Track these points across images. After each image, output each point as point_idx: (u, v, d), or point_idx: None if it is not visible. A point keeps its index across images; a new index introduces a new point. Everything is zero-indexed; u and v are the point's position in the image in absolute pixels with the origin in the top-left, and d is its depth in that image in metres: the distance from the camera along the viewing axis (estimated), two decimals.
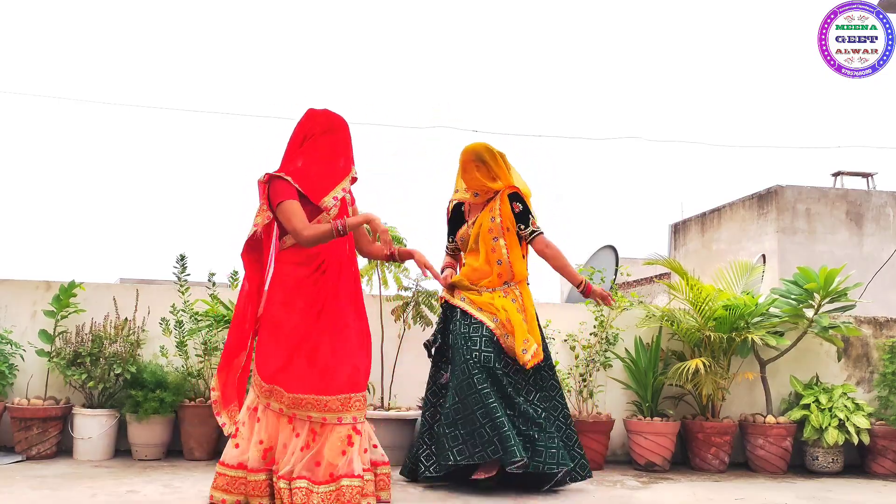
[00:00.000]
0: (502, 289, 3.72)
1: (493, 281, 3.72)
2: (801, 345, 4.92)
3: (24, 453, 4.17)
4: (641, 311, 4.96)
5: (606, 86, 63.55)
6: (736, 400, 4.98)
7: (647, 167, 55.10)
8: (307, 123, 3.22)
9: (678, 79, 57.74)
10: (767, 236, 13.34)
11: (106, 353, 4.25)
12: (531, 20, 50.51)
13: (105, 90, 47.93)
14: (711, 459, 4.59)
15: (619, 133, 43.01)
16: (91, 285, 4.64)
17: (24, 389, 4.44)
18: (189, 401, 4.35)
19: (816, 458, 4.71)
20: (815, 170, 58.13)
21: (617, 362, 4.81)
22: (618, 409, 4.84)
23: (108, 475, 3.76)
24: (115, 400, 4.34)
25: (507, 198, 3.77)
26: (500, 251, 3.72)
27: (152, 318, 4.58)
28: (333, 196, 3.15)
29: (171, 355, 4.46)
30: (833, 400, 4.71)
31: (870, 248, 13.10)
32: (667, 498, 3.75)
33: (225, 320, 4.49)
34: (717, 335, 4.61)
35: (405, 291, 4.60)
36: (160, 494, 3.34)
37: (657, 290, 12.58)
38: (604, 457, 4.59)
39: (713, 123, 55.94)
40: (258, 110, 41.74)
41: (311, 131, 3.20)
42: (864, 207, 13.57)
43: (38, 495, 3.26)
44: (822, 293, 4.79)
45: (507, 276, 3.73)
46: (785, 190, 13.34)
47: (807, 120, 50.06)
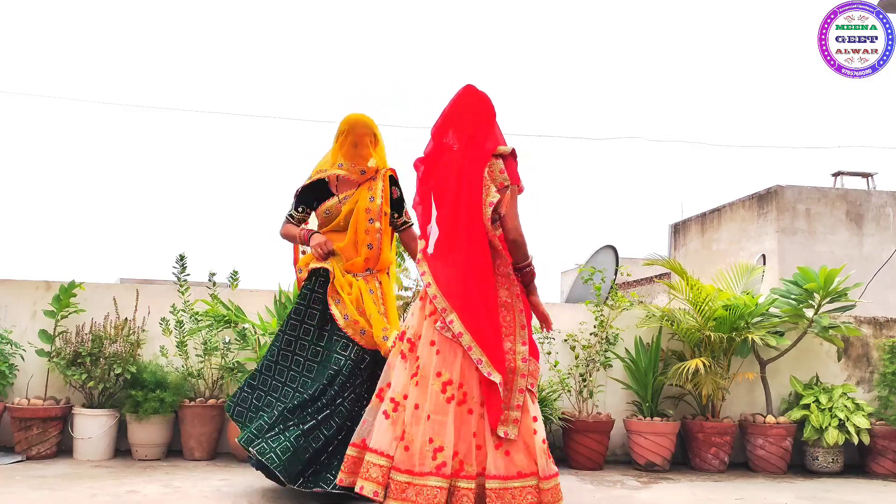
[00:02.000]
0: (363, 275, 3.41)
1: (356, 265, 3.40)
2: (801, 345, 4.92)
3: (24, 453, 4.17)
4: (641, 311, 4.96)
5: (606, 86, 63.56)
6: (736, 400, 4.98)
7: (647, 167, 55.13)
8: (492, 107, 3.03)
9: (678, 79, 57.74)
10: (767, 236, 13.34)
11: (106, 353, 4.25)
12: (531, 20, 50.49)
13: (105, 90, 47.89)
14: (711, 459, 4.59)
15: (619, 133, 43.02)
16: (91, 285, 4.64)
17: (24, 389, 4.44)
18: (189, 401, 4.35)
19: (816, 458, 4.71)
20: (815, 170, 58.16)
21: (617, 362, 4.81)
22: (618, 409, 4.84)
23: (108, 475, 3.76)
24: (115, 400, 4.34)
25: (388, 179, 3.48)
26: (374, 235, 3.40)
27: (152, 318, 4.58)
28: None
29: (171, 355, 4.46)
30: (833, 400, 4.71)
31: (870, 248, 13.10)
32: (667, 498, 3.75)
33: (225, 320, 4.49)
34: (717, 335, 4.61)
35: (405, 291, 4.60)
36: (160, 494, 3.34)
37: (657, 290, 12.58)
38: (604, 457, 4.59)
39: (713, 123, 55.95)
40: (258, 110, 41.75)
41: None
42: (864, 207, 13.57)
43: (38, 495, 3.26)
44: (822, 293, 4.79)
45: (372, 263, 3.42)
46: (785, 190, 13.35)
47: (807, 120, 50.08)
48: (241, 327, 4.52)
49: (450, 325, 2.82)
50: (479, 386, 2.79)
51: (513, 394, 2.80)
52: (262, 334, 4.52)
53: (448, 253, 2.91)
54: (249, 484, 3.56)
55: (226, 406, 3.48)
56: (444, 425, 2.73)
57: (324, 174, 3.43)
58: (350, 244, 3.40)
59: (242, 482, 3.62)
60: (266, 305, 4.73)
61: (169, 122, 74.40)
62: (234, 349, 4.47)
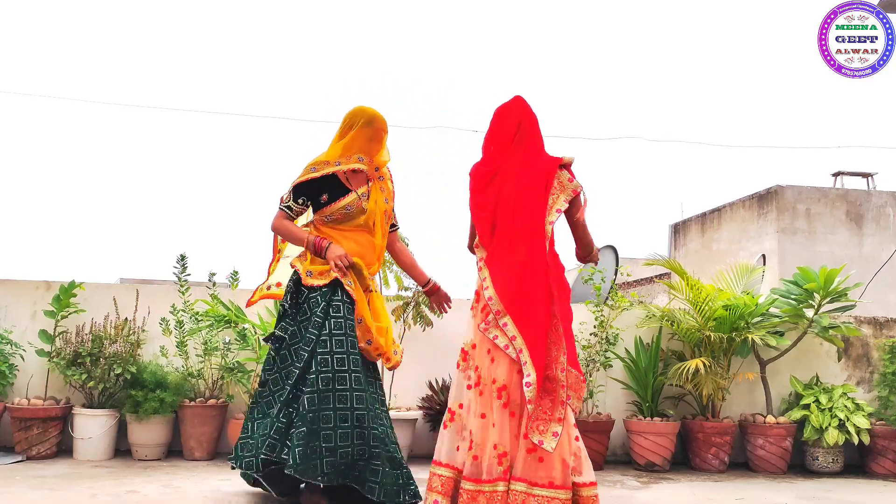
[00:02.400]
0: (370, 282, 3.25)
1: (375, 270, 3.28)
2: (801, 345, 4.92)
3: (24, 453, 4.17)
4: (641, 311, 4.97)
5: (606, 86, 63.58)
6: (736, 400, 4.98)
7: (647, 167, 55.14)
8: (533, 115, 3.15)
9: (678, 79, 57.76)
10: (767, 236, 13.34)
11: (106, 353, 4.25)
12: (532, 20, 50.50)
13: (105, 90, 47.92)
14: (711, 459, 4.59)
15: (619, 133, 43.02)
16: (91, 285, 4.64)
17: (24, 389, 4.44)
18: (189, 401, 4.35)
19: (816, 458, 4.71)
20: (815, 170, 58.16)
21: (617, 362, 4.81)
22: (618, 409, 4.84)
23: (108, 475, 3.76)
24: (116, 400, 4.34)
25: (391, 180, 3.38)
26: (386, 238, 3.32)
27: (152, 318, 4.58)
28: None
29: (171, 355, 4.46)
30: (833, 400, 4.72)
31: (870, 248, 13.10)
32: (667, 498, 3.75)
33: (225, 320, 4.49)
34: (717, 335, 4.61)
35: (406, 291, 4.60)
36: (160, 494, 3.34)
37: (657, 290, 12.58)
38: (604, 457, 4.59)
39: (713, 123, 55.97)
40: (259, 110, 41.76)
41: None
42: (864, 207, 13.57)
43: (38, 495, 3.25)
44: (822, 293, 4.80)
45: (378, 268, 3.32)
46: (785, 190, 13.34)
47: (807, 120, 50.10)
48: (241, 327, 4.52)
49: (503, 328, 2.88)
50: (520, 388, 2.84)
51: (556, 406, 2.83)
52: (262, 334, 4.52)
53: (507, 257, 2.97)
54: None
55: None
56: (503, 430, 2.83)
57: (339, 168, 3.16)
58: (369, 247, 3.22)
59: (242, 482, 3.62)
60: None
61: (169, 122, 74.43)
62: (234, 349, 4.47)
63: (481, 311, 2.98)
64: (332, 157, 3.20)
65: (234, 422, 4.34)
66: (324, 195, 3.17)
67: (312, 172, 3.16)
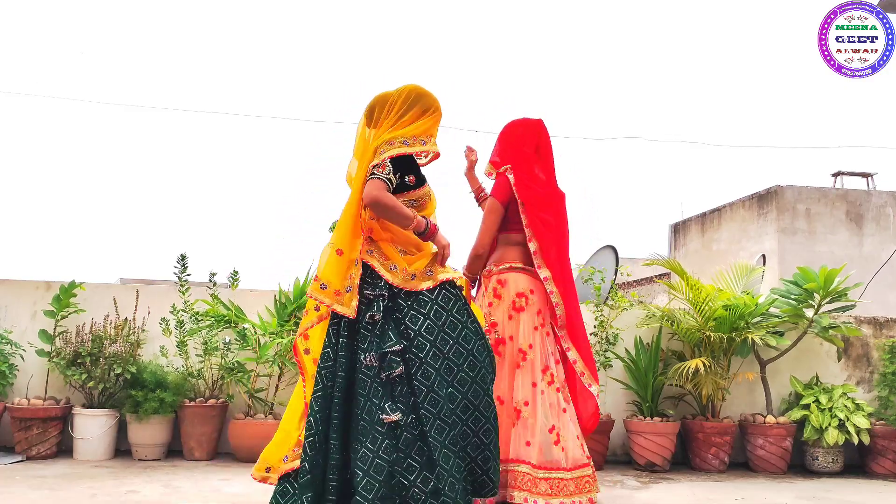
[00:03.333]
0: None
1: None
2: (801, 345, 4.92)
3: (24, 453, 4.17)
4: (641, 311, 4.96)
5: (606, 86, 63.59)
6: (736, 400, 4.98)
7: (647, 167, 55.14)
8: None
9: (678, 79, 57.78)
10: (767, 236, 13.34)
11: (106, 353, 4.25)
12: (531, 20, 50.53)
13: (105, 90, 47.93)
14: (711, 459, 4.59)
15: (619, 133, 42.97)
16: (91, 285, 4.64)
17: (24, 389, 4.44)
18: (189, 401, 4.35)
19: (816, 458, 4.71)
20: (815, 170, 58.13)
21: (617, 362, 4.81)
22: (618, 409, 4.84)
23: (108, 475, 3.76)
24: (115, 400, 4.34)
25: None
26: None
27: (152, 318, 4.58)
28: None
29: (171, 355, 4.46)
30: (833, 400, 4.71)
31: (870, 248, 13.10)
32: (667, 498, 3.75)
33: (225, 320, 4.49)
34: (717, 335, 4.61)
35: None
36: (160, 494, 3.34)
37: (657, 290, 12.58)
38: (604, 457, 4.59)
39: (713, 123, 55.97)
40: (258, 110, 41.74)
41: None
42: (864, 207, 13.57)
43: (38, 495, 3.26)
44: (822, 293, 4.79)
45: None
46: (785, 190, 13.34)
47: (807, 120, 50.09)
48: (242, 327, 4.52)
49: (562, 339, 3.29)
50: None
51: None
52: (262, 334, 4.52)
53: (560, 278, 3.30)
54: (249, 484, 3.56)
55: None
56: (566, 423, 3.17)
57: (434, 148, 2.70)
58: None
59: (242, 482, 3.62)
60: (266, 305, 4.73)
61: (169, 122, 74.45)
62: (235, 349, 4.46)
63: (537, 314, 3.26)
64: (417, 132, 2.68)
65: (234, 422, 4.34)
66: (411, 176, 2.67)
67: (421, 146, 2.65)
